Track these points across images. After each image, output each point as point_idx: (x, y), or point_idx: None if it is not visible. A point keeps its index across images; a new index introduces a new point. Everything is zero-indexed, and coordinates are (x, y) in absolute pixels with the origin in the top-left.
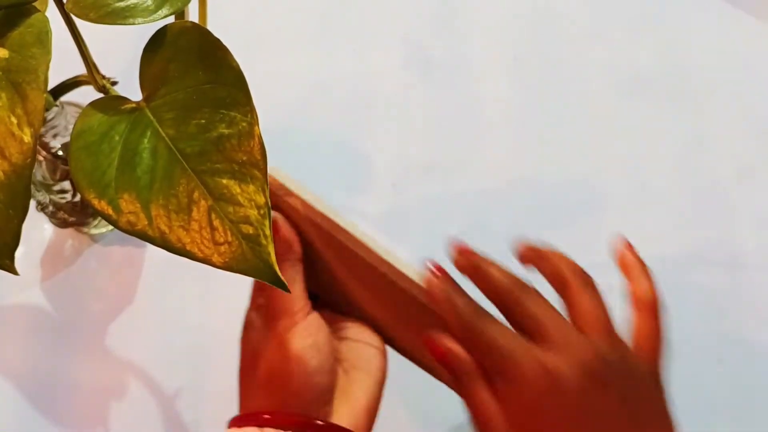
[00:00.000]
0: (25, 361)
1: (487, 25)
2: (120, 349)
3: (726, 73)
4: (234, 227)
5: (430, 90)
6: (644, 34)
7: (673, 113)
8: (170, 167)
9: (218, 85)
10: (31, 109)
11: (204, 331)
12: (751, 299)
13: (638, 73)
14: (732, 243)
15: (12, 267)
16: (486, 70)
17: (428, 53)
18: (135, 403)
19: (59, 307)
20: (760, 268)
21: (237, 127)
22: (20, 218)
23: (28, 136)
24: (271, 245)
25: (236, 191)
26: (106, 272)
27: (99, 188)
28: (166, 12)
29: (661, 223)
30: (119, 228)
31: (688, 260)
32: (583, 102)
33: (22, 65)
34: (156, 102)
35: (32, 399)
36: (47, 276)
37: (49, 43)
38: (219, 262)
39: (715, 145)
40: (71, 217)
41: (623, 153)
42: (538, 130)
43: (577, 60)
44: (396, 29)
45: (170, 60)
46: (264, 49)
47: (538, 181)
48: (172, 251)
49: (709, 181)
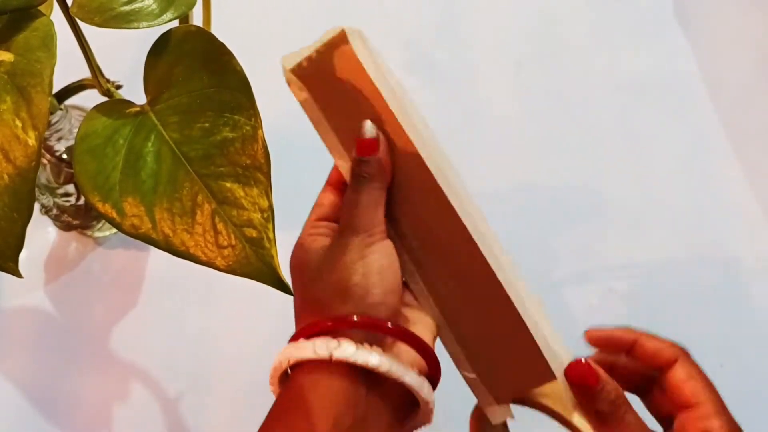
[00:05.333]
0: (28, 363)
1: (489, 31)
2: (122, 351)
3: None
4: (237, 230)
5: (432, 94)
6: (645, 39)
7: (674, 117)
8: (174, 171)
9: (222, 89)
10: (36, 113)
11: (206, 334)
12: (753, 303)
13: (638, 79)
14: (733, 245)
15: (16, 269)
16: (488, 74)
17: (431, 58)
18: (137, 405)
19: (63, 310)
20: (762, 272)
21: (241, 130)
22: (24, 221)
23: (32, 139)
24: (275, 248)
25: (240, 195)
26: (110, 275)
27: (103, 191)
28: (171, 16)
29: (662, 225)
30: (123, 231)
31: (689, 263)
32: (584, 106)
33: (27, 69)
34: (160, 106)
35: (35, 401)
36: (51, 278)
37: (54, 47)
38: (222, 266)
39: (716, 147)
40: (75, 220)
41: (624, 156)
42: (539, 134)
43: (579, 65)
44: (399, 34)
45: (174, 64)
46: (268, 54)
47: (540, 184)
48: (176, 254)
49: (710, 184)
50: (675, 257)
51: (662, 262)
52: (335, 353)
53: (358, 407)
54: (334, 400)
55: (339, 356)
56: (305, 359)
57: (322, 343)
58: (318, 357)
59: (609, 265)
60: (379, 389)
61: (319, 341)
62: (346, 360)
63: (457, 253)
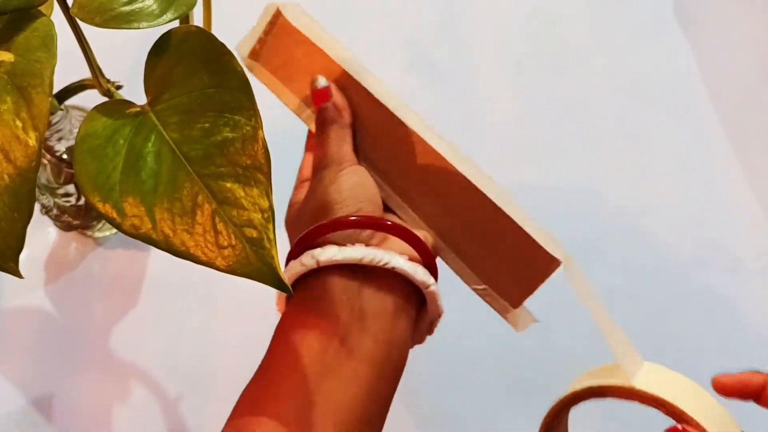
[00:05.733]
0: (28, 363)
1: (489, 31)
2: (123, 351)
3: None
4: (238, 231)
5: (433, 95)
6: (646, 39)
7: (675, 118)
8: (174, 171)
9: (223, 89)
10: (36, 113)
11: (207, 334)
12: (754, 303)
13: (640, 78)
14: (733, 245)
15: (16, 270)
16: (488, 74)
17: (431, 58)
18: (137, 405)
19: (63, 310)
20: (762, 272)
21: (241, 131)
22: (25, 221)
23: (33, 139)
24: (275, 249)
25: (240, 195)
26: (110, 275)
27: (103, 192)
28: (171, 16)
29: (662, 225)
30: (123, 231)
31: (689, 262)
32: (584, 106)
33: (27, 69)
34: (160, 106)
35: (35, 401)
36: (51, 279)
37: (54, 47)
38: (223, 266)
39: (716, 147)
40: (75, 220)
41: (624, 156)
42: (539, 134)
43: (579, 65)
44: (399, 34)
45: (175, 64)
46: None
47: (540, 184)
48: (176, 254)
49: (710, 184)
50: (675, 257)
51: (662, 262)
52: (320, 258)
53: (353, 301)
54: (327, 299)
55: (324, 260)
56: (299, 274)
57: (307, 255)
58: (307, 267)
59: (609, 265)
60: (375, 282)
61: (304, 254)
62: (331, 261)
63: (431, 171)
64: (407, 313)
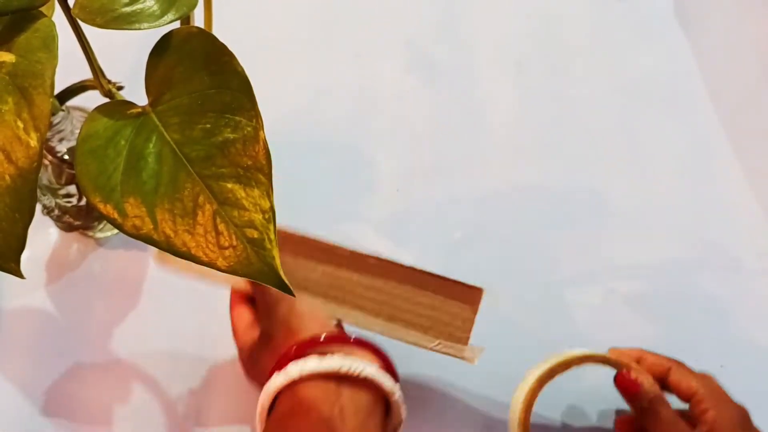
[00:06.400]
0: (29, 363)
1: (489, 31)
2: (123, 351)
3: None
4: (239, 231)
5: (433, 95)
6: (646, 39)
7: (675, 118)
8: (175, 171)
9: (223, 90)
10: (38, 114)
11: (207, 334)
12: (754, 304)
13: (640, 78)
14: (733, 246)
15: (18, 270)
16: (489, 75)
17: (431, 58)
18: (138, 406)
19: (64, 310)
20: (762, 272)
21: (242, 131)
22: (26, 222)
23: (34, 140)
24: (276, 249)
25: (241, 195)
26: (111, 276)
27: (104, 192)
28: (172, 17)
29: (662, 225)
30: (124, 232)
31: (689, 262)
32: (585, 106)
33: (28, 70)
34: (161, 107)
35: (35, 401)
36: (52, 279)
37: (55, 47)
38: (224, 266)
39: (716, 147)
40: (77, 220)
41: (624, 157)
42: (541, 134)
43: (579, 65)
44: (399, 35)
45: (176, 65)
46: (269, 55)
47: (541, 185)
48: (177, 255)
49: (710, 184)
50: (675, 257)
51: (663, 262)
52: (304, 369)
53: (333, 402)
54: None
55: (308, 370)
56: (283, 386)
57: (292, 366)
58: (290, 379)
59: (610, 266)
60: (349, 385)
61: (289, 366)
62: (314, 371)
63: (354, 268)
64: (378, 413)
